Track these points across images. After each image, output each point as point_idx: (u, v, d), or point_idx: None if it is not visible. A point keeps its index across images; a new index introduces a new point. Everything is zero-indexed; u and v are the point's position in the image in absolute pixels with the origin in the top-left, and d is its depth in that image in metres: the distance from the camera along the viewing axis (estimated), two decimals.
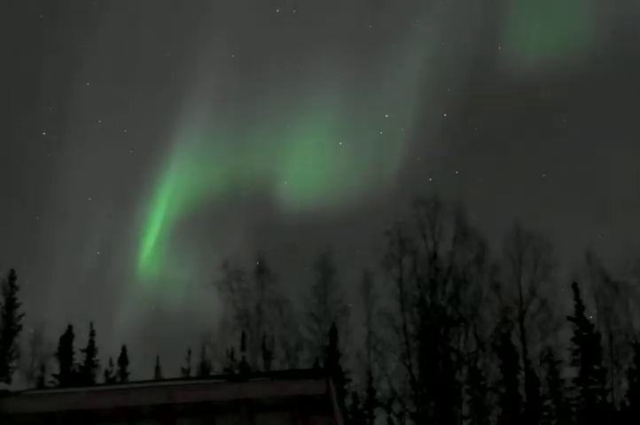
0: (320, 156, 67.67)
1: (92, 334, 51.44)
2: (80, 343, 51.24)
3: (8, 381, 43.65)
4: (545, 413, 46.03)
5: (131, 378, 51.01)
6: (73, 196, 68.34)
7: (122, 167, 74.67)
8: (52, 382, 49.29)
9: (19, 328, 49.41)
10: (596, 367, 45.41)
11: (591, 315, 46.60)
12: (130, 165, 70.30)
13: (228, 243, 60.64)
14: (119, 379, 50.67)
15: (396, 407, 44.69)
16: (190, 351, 51.62)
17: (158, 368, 53.41)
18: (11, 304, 49.26)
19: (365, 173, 65.47)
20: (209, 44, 70.22)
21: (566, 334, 45.97)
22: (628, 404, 44.91)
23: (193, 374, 49.86)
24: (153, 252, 65.04)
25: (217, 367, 48.49)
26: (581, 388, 45.41)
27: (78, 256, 67.38)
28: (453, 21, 68.72)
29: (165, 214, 65.35)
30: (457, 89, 66.98)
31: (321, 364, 46.05)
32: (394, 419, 45.44)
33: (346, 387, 46.11)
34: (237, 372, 45.59)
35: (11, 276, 49.57)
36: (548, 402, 46.16)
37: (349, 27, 72.37)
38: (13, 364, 48.87)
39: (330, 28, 71.56)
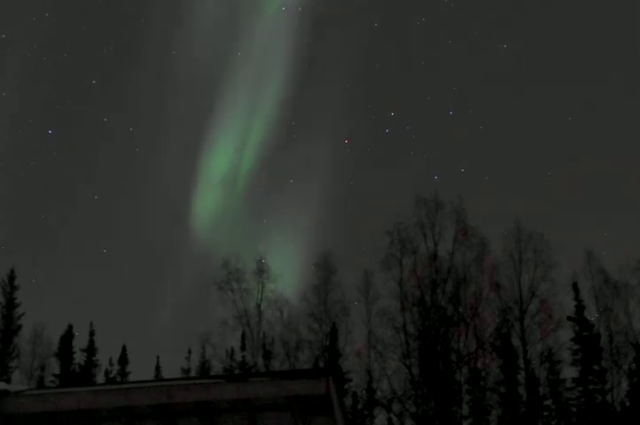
0: None
1: (92, 334, 51.40)
2: (80, 343, 51.27)
3: (8, 381, 43.58)
4: (545, 413, 45.99)
5: (131, 378, 50.99)
6: (77, 196, 68.50)
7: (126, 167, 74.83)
8: (52, 382, 49.24)
9: (19, 327, 49.35)
10: (596, 367, 45.37)
11: (592, 315, 46.65)
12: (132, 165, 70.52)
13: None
14: (119, 379, 50.62)
15: (396, 407, 44.63)
16: (190, 351, 51.66)
17: (158, 368, 53.38)
18: (12, 304, 49.19)
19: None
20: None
21: (566, 334, 46.02)
22: (628, 404, 44.83)
23: (193, 374, 49.83)
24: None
25: (217, 367, 48.52)
26: (581, 388, 45.36)
27: (78, 256, 67.47)
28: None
29: None
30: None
31: (321, 364, 46.02)
32: (394, 419, 45.40)
33: (346, 387, 46.08)
34: (237, 372, 45.56)
35: (11, 276, 49.48)
36: (548, 402, 46.11)
37: None
38: (13, 364, 48.87)
39: None
